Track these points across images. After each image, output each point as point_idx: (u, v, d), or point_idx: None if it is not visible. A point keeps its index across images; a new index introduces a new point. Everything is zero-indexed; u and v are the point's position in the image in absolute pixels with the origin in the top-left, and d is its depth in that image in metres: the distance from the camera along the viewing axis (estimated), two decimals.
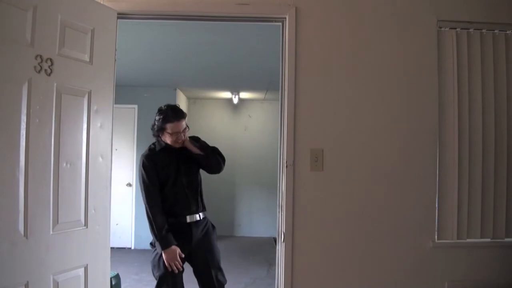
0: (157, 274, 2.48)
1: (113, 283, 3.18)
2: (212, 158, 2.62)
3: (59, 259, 1.97)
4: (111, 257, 2.31)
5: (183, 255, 2.45)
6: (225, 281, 2.61)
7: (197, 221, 2.55)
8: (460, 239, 2.45)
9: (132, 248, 6.38)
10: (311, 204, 2.41)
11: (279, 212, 2.48)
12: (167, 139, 2.53)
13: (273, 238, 5.60)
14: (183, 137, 2.53)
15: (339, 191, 2.43)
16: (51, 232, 1.92)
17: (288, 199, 2.39)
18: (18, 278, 1.79)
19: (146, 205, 2.48)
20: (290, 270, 2.39)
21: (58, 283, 1.96)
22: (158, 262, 2.46)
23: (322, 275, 2.42)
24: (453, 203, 2.45)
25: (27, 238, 1.81)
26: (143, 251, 6.13)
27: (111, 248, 2.32)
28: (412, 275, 2.45)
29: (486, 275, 2.47)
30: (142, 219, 6.24)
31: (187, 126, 2.56)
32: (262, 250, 6.32)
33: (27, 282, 1.81)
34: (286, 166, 2.40)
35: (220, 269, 2.60)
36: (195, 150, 2.55)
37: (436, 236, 2.45)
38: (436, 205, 2.45)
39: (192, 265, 2.61)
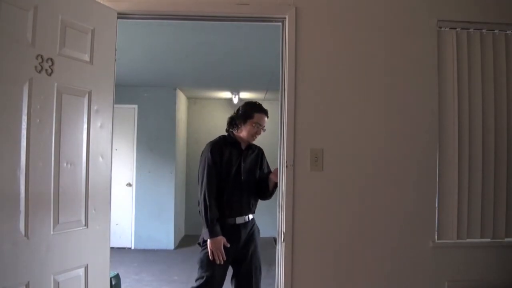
0: (205, 274, 2.50)
1: (113, 283, 3.18)
2: (267, 197, 2.71)
3: (59, 259, 1.97)
4: (111, 257, 2.31)
5: (228, 245, 2.48)
6: None
7: (246, 223, 2.58)
8: (460, 239, 2.45)
9: (132, 248, 6.38)
10: (311, 204, 2.41)
11: (279, 212, 2.48)
12: (245, 130, 2.60)
13: (273, 238, 5.59)
14: (261, 132, 2.62)
15: (339, 191, 2.43)
16: (51, 232, 1.93)
17: (288, 199, 2.39)
18: (19, 278, 1.79)
19: (205, 190, 2.49)
20: (290, 270, 2.39)
21: (58, 283, 1.96)
22: (207, 261, 2.48)
23: (322, 275, 2.42)
24: (453, 203, 2.44)
25: (28, 238, 1.81)
26: (143, 251, 6.14)
27: (111, 248, 2.32)
28: (412, 275, 2.45)
29: (486, 275, 2.47)
30: (142, 219, 6.35)
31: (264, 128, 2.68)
32: (262, 250, 6.30)
33: (28, 282, 1.81)
34: (286, 166, 2.40)
35: (261, 274, 2.63)
36: (271, 185, 2.60)
37: (436, 236, 2.45)
38: (436, 205, 2.45)
39: (234, 267, 2.60)
